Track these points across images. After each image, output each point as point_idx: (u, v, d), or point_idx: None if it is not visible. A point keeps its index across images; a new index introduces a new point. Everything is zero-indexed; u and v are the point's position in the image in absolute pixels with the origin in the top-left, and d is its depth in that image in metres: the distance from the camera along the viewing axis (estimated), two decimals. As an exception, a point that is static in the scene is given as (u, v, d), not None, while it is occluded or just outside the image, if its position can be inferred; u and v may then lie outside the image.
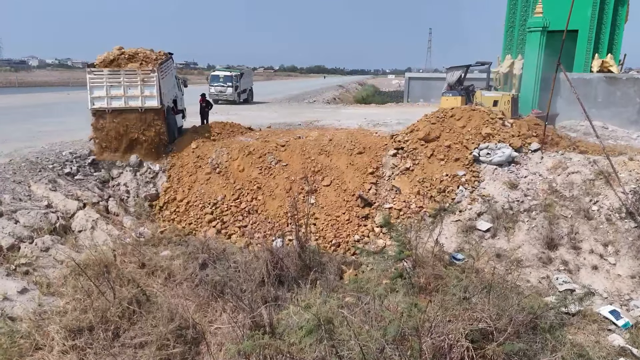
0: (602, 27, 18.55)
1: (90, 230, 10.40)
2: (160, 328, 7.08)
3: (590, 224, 10.31)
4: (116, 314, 7.23)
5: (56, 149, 13.35)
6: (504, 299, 7.34)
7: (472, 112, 13.34)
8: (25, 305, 7.66)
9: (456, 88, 17.20)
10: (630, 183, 10.59)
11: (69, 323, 7.02)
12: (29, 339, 6.83)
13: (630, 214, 10.14)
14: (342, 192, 12.32)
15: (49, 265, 8.85)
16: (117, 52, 13.74)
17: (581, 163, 11.60)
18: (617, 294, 9.18)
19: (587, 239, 10.10)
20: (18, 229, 9.19)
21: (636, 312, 8.69)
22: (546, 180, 11.43)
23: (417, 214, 11.49)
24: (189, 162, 13.38)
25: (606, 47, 18.68)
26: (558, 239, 10.20)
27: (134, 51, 13.97)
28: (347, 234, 11.51)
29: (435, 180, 12.07)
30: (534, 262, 9.90)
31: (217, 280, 8.74)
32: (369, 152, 13.17)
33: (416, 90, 34.62)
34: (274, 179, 12.75)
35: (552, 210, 10.71)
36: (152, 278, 9.01)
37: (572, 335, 8.03)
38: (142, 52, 14.10)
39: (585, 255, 9.89)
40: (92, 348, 6.73)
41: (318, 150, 13.34)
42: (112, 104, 13.14)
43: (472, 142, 12.52)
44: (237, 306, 8.09)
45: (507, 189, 11.46)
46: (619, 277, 9.45)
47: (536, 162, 12.03)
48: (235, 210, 12.17)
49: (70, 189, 11.49)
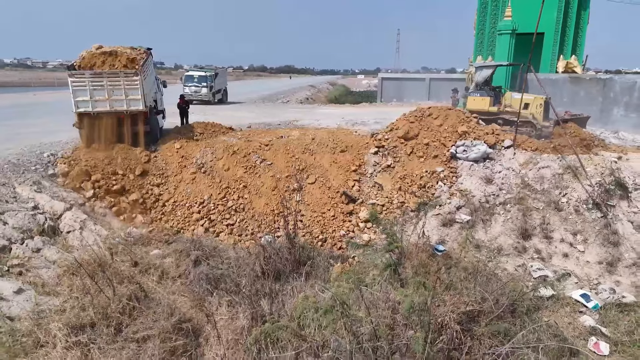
0: (567, 30, 19.67)
1: (79, 230, 10.41)
2: (161, 322, 7.27)
3: (560, 215, 11.05)
4: (117, 310, 7.37)
5: (36, 151, 13.19)
6: (486, 285, 7.92)
7: (448, 111, 13.98)
8: (22, 305, 7.69)
9: (484, 88, 16.38)
10: (595, 176, 11.39)
11: (70, 320, 7.12)
12: (31, 337, 6.91)
13: (596, 205, 10.93)
14: (327, 189, 12.71)
15: (41, 265, 8.85)
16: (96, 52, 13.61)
17: (550, 158, 12.36)
18: (587, 279, 9.91)
19: (558, 229, 10.82)
20: (8, 231, 9.15)
21: (604, 294, 9.42)
22: (519, 175, 12.14)
23: (399, 209, 11.99)
24: (174, 162, 13.47)
25: (570, 49, 19.83)
26: (531, 230, 10.89)
27: (114, 50, 13.83)
28: (332, 230, 11.90)
29: (415, 177, 12.61)
30: (510, 252, 10.55)
31: (212, 276, 8.97)
32: (351, 150, 13.61)
33: (389, 90, 35.34)
34: (260, 178, 13.01)
35: (525, 203, 11.40)
36: (146, 276, 9.12)
37: (548, 317, 8.66)
38: (122, 50, 13.95)
39: (557, 244, 10.61)
40: (96, 343, 6.86)
41: (302, 149, 13.68)
42: (97, 108, 13.06)
43: (449, 139, 13.13)
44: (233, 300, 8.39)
45: (483, 183, 12.11)
46: (587, 263, 10.20)
47: (509, 158, 12.73)
48: (223, 208, 12.37)
49: (56, 191, 11.44)
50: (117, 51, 13.69)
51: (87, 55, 13.51)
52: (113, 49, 13.72)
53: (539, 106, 14.77)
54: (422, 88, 34.44)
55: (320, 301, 5.08)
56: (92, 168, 12.37)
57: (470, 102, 16.35)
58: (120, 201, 12.11)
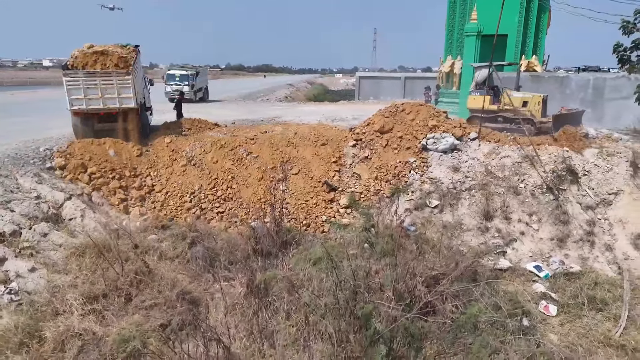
0: (528, 32, 21.24)
1: (80, 218, 11.20)
2: (166, 292, 8.23)
3: (518, 198, 12.36)
4: (126, 283, 8.29)
5: (32, 146, 13.84)
6: (451, 256, 9.12)
7: (420, 107, 15.20)
8: (36, 281, 8.52)
9: (483, 87, 16.69)
10: (549, 164, 12.75)
11: (84, 291, 8.01)
12: (49, 307, 7.76)
13: (549, 189, 12.28)
14: (310, 179, 13.76)
15: (49, 248, 9.65)
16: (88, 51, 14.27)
17: (511, 149, 13.68)
18: (540, 253, 11.24)
19: (516, 211, 12.13)
20: (16, 217, 9.90)
21: (554, 266, 10.77)
22: (483, 164, 13.41)
23: (376, 196, 13.13)
24: (165, 155, 14.30)
25: (531, 49, 21.39)
26: (493, 212, 12.16)
27: (105, 49, 14.48)
28: (315, 216, 12.96)
29: (390, 167, 13.77)
30: (474, 231, 11.81)
31: (207, 256, 9.93)
32: (332, 143, 14.69)
33: (366, 88, 36.64)
34: (247, 169, 13.97)
35: (488, 189, 12.67)
36: (146, 257, 10.01)
37: (505, 286, 9.94)
38: (113, 49, 14.60)
39: (515, 224, 11.91)
40: (109, 310, 7.77)
41: (285, 143, 14.69)
42: (90, 105, 13.78)
43: (420, 133, 14.32)
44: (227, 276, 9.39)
45: (451, 172, 13.34)
46: (541, 239, 11.54)
47: (474, 149, 14.00)
48: (213, 198, 13.29)
49: (55, 182, 12.18)
50: (109, 50, 14.37)
51: (80, 54, 14.16)
52: (105, 48, 14.39)
53: (537, 104, 15.56)
54: (397, 86, 35.88)
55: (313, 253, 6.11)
56: (88, 161, 13.11)
57: (470, 100, 16.82)
58: (116, 192, 12.90)
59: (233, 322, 7.49)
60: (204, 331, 5.80)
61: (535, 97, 15.79)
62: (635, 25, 14.68)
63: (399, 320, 4.86)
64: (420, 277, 7.71)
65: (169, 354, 5.79)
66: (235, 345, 6.71)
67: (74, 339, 6.90)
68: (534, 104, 15.59)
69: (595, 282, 10.05)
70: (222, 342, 5.83)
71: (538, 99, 15.66)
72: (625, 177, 12.27)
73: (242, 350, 6.56)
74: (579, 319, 9.09)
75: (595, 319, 9.04)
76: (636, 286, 10.05)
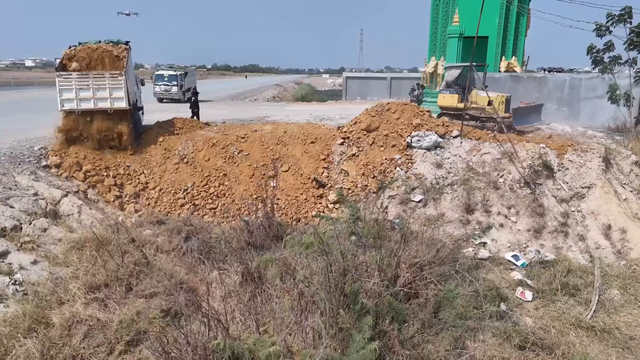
0: (508, 34, 22.07)
1: (77, 214, 11.57)
2: (165, 282, 8.67)
3: (498, 192, 13.03)
4: (126, 273, 8.70)
5: (26, 145, 14.13)
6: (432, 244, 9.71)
7: (404, 106, 15.81)
8: (39, 273, 8.89)
9: (453, 86, 17.73)
10: (527, 160, 13.44)
11: (86, 281, 8.41)
12: (54, 296, 8.15)
13: (526, 184, 12.98)
14: (299, 176, 14.26)
15: (49, 242, 10.02)
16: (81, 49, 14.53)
17: (491, 146, 14.36)
18: (517, 244, 11.90)
19: (496, 204, 12.78)
20: (16, 213, 10.24)
21: (531, 255, 11.42)
22: (464, 160, 14.06)
23: (363, 192, 13.69)
24: (157, 153, 14.69)
25: (511, 50, 22.23)
26: (474, 205, 12.81)
27: (99, 47, 14.71)
28: (305, 211, 13.48)
29: (376, 164, 14.34)
30: (456, 224, 12.43)
31: (202, 248, 10.37)
32: (320, 141, 15.22)
33: (354, 88, 37.26)
34: (238, 167, 14.43)
35: (469, 184, 13.31)
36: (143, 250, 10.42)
37: (485, 274, 10.56)
38: (106, 47, 14.86)
39: (494, 217, 12.56)
40: (111, 299, 8.18)
41: (275, 141, 15.18)
42: (82, 106, 14.00)
43: (405, 131, 14.93)
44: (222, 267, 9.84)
45: (434, 168, 13.96)
46: (519, 231, 12.20)
47: (457, 146, 14.65)
48: (205, 194, 13.72)
49: (51, 180, 12.51)
50: (102, 48, 14.63)
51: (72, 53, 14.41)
52: (98, 47, 14.66)
53: (500, 103, 16.75)
54: (384, 86, 36.56)
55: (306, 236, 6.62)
56: (82, 159, 13.44)
57: (440, 99, 17.95)
58: (111, 189, 13.25)
59: (230, 307, 7.95)
60: (204, 311, 6.26)
61: (499, 96, 16.90)
62: (607, 29, 15.53)
63: (383, 295, 5.38)
64: (404, 264, 8.27)
65: (173, 333, 6.23)
66: (233, 328, 7.19)
67: (79, 325, 7.31)
68: (498, 103, 16.68)
69: (568, 270, 10.70)
70: (222, 323, 6.29)
71: (501, 99, 16.82)
72: (597, 172, 13.03)
73: (240, 331, 7.04)
74: (553, 304, 9.72)
75: (567, 304, 9.68)
76: (606, 273, 10.75)
